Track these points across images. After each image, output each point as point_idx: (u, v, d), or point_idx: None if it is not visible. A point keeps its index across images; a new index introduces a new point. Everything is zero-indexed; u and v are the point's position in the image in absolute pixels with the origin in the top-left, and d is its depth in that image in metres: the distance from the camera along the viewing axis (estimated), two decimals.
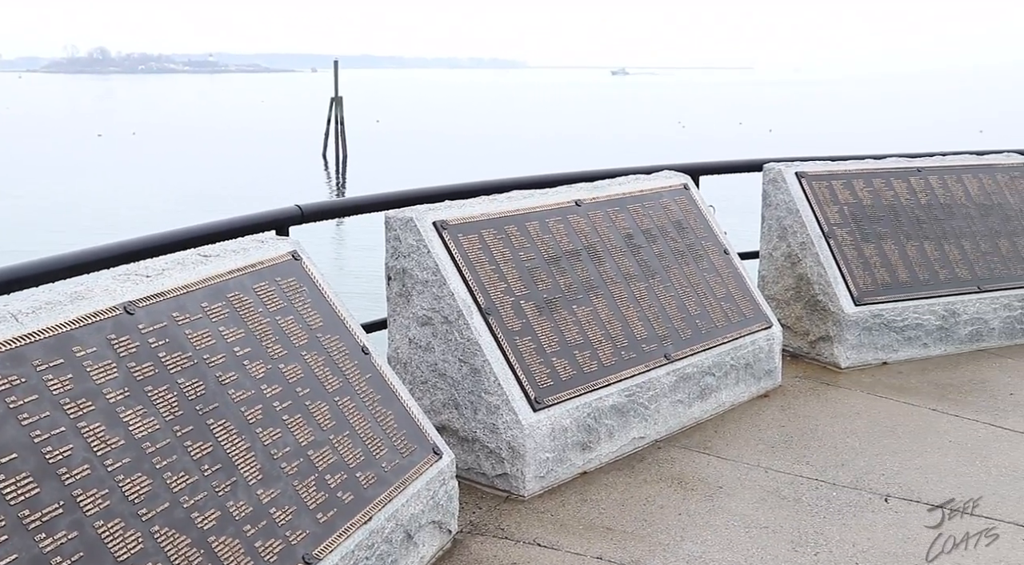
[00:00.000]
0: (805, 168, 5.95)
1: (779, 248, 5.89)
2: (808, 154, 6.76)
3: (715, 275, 5.18)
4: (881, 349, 5.70)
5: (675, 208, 5.26)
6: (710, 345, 4.89)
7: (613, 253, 4.75)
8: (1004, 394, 5.22)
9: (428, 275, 4.11)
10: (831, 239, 5.74)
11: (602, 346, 4.41)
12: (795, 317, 5.83)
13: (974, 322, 5.93)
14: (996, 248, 6.16)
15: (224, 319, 3.14)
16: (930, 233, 6.04)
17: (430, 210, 4.27)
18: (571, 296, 4.44)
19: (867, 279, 5.73)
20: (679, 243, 5.12)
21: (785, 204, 5.83)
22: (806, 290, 5.76)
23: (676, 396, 4.66)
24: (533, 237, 4.47)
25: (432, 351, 4.17)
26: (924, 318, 5.79)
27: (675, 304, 4.86)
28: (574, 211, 4.75)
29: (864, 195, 5.99)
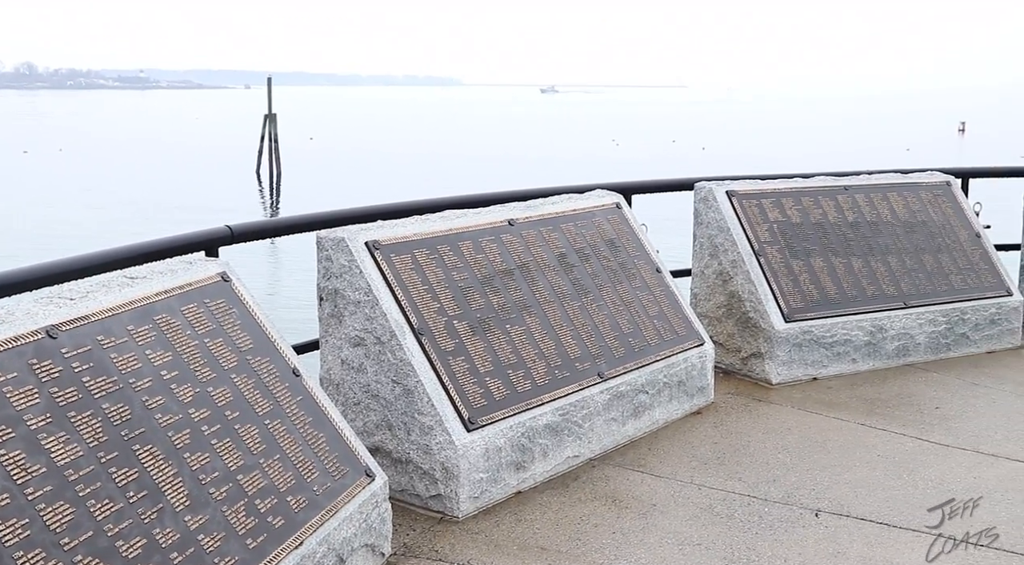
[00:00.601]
0: (735, 187, 6.03)
1: (711, 266, 5.95)
2: (740, 173, 6.85)
3: (648, 293, 5.21)
4: (811, 365, 5.78)
5: (608, 227, 5.29)
6: (643, 363, 4.91)
7: (546, 272, 4.77)
8: (930, 408, 5.31)
9: (360, 296, 4.08)
10: (761, 257, 5.82)
11: (536, 365, 4.41)
12: (727, 334, 5.89)
13: (901, 337, 6.04)
14: (921, 264, 6.29)
15: (151, 342, 3.08)
16: (857, 250, 6.14)
17: (362, 230, 4.24)
18: (504, 316, 4.44)
19: (797, 296, 5.82)
20: (612, 262, 5.15)
21: (716, 222, 5.89)
22: (737, 307, 5.83)
23: (610, 414, 4.67)
24: (466, 257, 4.46)
25: (365, 372, 4.14)
26: (852, 334, 5.88)
27: (608, 323, 4.88)
28: (507, 230, 4.75)
29: (793, 213, 6.08)
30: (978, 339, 6.32)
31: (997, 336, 6.39)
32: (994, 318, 6.36)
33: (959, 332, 6.24)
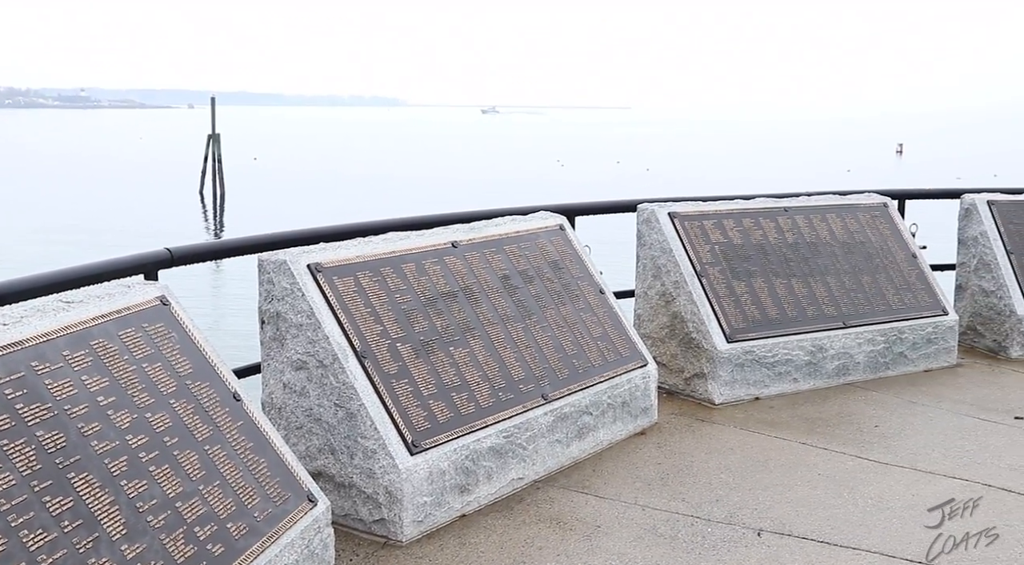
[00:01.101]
0: (678, 208, 6.09)
1: (654, 287, 6.00)
2: (683, 194, 6.91)
3: (591, 315, 5.23)
4: (753, 385, 5.84)
5: (551, 249, 5.31)
6: (587, 384, 4.93)
7: (490, 294, 4.77)
8: (870, 426, 5.38)
9: (302, 319, 4.05)
10: (703, 278, 5.87)
11: (479, 388, 4.41)
12: (670, 355, 5.93)
13: (841, 357, 6.12)
14: (860, 285, 6.39)
15: (87, 368, 3.03)
16: (797, 271, 6.23)
17: (304, 252, 4.22)
18: (448, 338, 4.43)
19: (738, 316, 5.87)
20: (555, 283, 5.16)
21: (659, 244, 5.94)
22: (680, 328, 5.87)
23: (554, 436, 4.68)
24: (409, 279, 4.45)
25: (307, 396, 4.10)
26: (793, 354, 5.95)
27: (552, 344, 4.89)
28: (451, 252, 4.75)
29: (734, 234, 6.15)
30: (915, 358, 6.43)
31: (934, 355, 6.50)
32: (931, 337, 6.47)
33: (897, 351, 6.34)
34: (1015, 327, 6.79)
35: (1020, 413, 5.60)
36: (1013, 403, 5.80)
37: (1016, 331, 6.78)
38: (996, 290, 6.92)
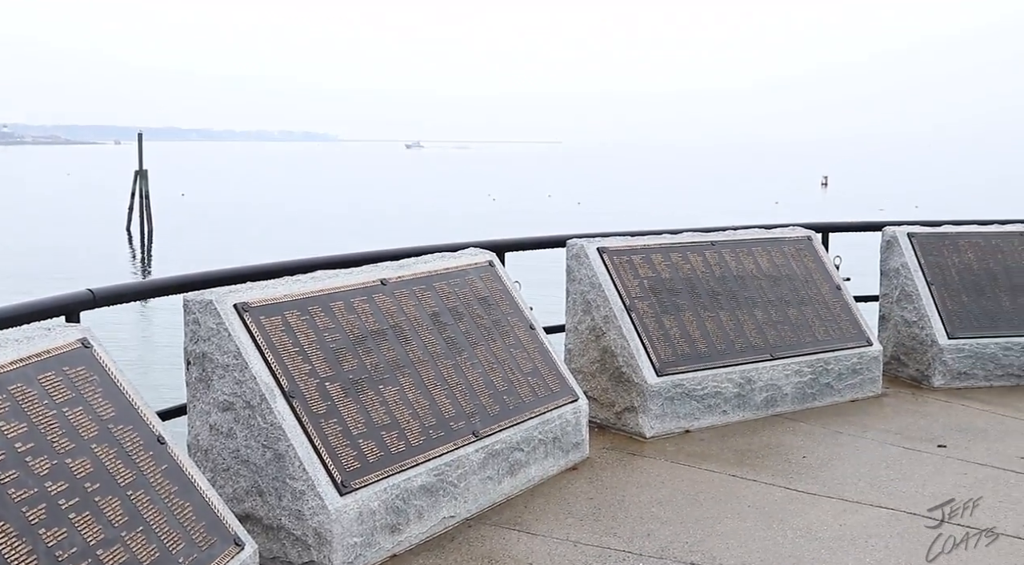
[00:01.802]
0: (606, 243, 6.14)
1: (584, 322, 6.03)
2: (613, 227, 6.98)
3: (521, 350, 5.24)
4: (683, 418, 5.88)
5: (481, 285, 5.31)
6: (518, 420, 4.93)
7: (420, 332, 4.75)
8: (798, 457, 5.45)
9: (229, 359, 4.00)
10: (633, 312, 5.92)
11: (410, 426, 4.38)
12: (601, 389, 5.96)
13: (769, 388, 6.20)
14: (786, 317, 6.48)
15: (4, 414, 2.96)
16: (725, 304, 6.30)
17: (231, 292, 4.17)
18: (377, 376, 4.40)
19: (668, 350, 5.92)
20: (485, 320, 5.17)
21: (588, 279, 5.98)
22: (611, 362, 5.90)
23: (485, 473, 4.66)
24: (338, 317, 4.42)
25: (234, 437, 4.04)
26: (722, 386, 6.01)
27: (482, 381, 4.89)
28: (380, 290, 4.73)
29: (663, 269, 6.21)
30: (842, 388, 6.53)
31: (859, 385, 6.61)
32: (856, 368, 6.58)
33: (823, 382, 6.44)
34: (937, 356, 6.93)
35: (943, 442, 5.71)
36: (936, 432, 5.91)
37: (938, 360, 6.93)
38: (918, 320, 7.07)
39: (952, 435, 5.83)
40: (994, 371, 6.98)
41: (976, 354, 6.95)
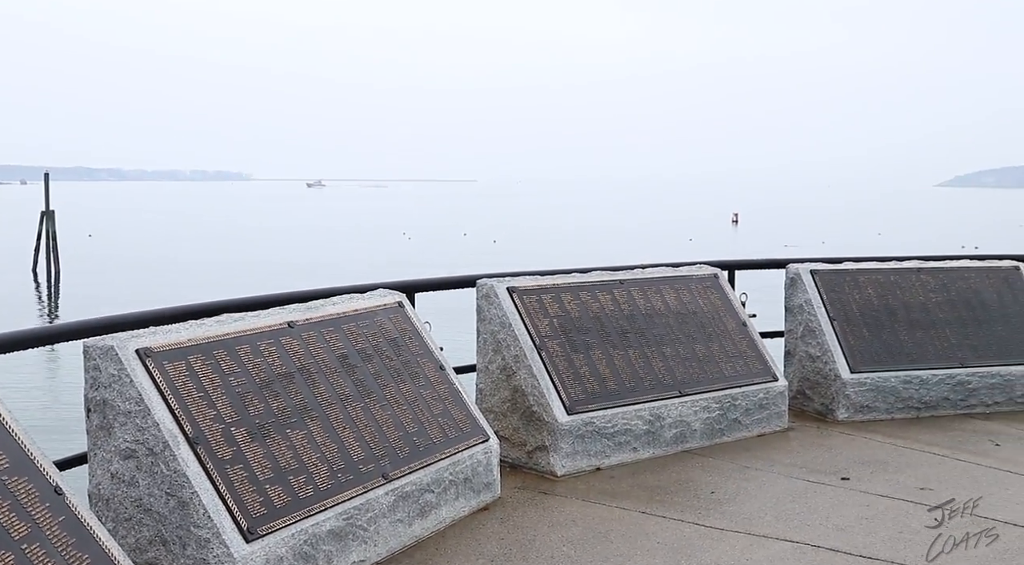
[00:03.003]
0: (516, 283, 6.18)
1: (495, 361, 6.05)
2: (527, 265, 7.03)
3: (431, 391, 5.23)
4: (594, 456, 5.92)
5: (390, 326, 5.30)
6: (428, 462, 4.91)
7: (328, 374, 4.72)
8: (706, 493, 5.52)
9: (131, 406, 3.93)
10: (543, 351, 5.96)
11: (318, 470, 4.34)
12: (512, 428, 5.97)
13: (678, 425, 6.28)
14: (694, 354, 6.58)
15: None
16: (634, 342, 6.38)
17: (133, 337, 4.10)
18: (285, 420, 4.36)
19: (578, 388, 5.97)
20: (395, 361, 5.15)
21: (498, 318, 6.01)
22: (521, 401, 5.92)
23: (396, 516, 4.63)
24: (244, 361, 4.37)
25: (136, 486, 3.96)
26: (632, 423, 6.07)
27: (392, 423, 4.87)
28: (287, 333, 4.69)
29: (572, 308, 6.27)
30: (749, 423, 6.64)
31: (766, 419, 6.73)
32: (762, 403, 6.70)
33: (731, 417, 6.54)
34: (840, 390, 7.10)
35: (846, 474, 5.83)
36: (840, 464, 6.04)
37: (841, 394, 7.09)
38: (821, 355, 7.24)
39: (855, 467, 5.96)
40: (895, 404, 7.17)
41: (877, 387, 7.13)
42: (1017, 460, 6.08)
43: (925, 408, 7.22)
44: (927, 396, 7.21)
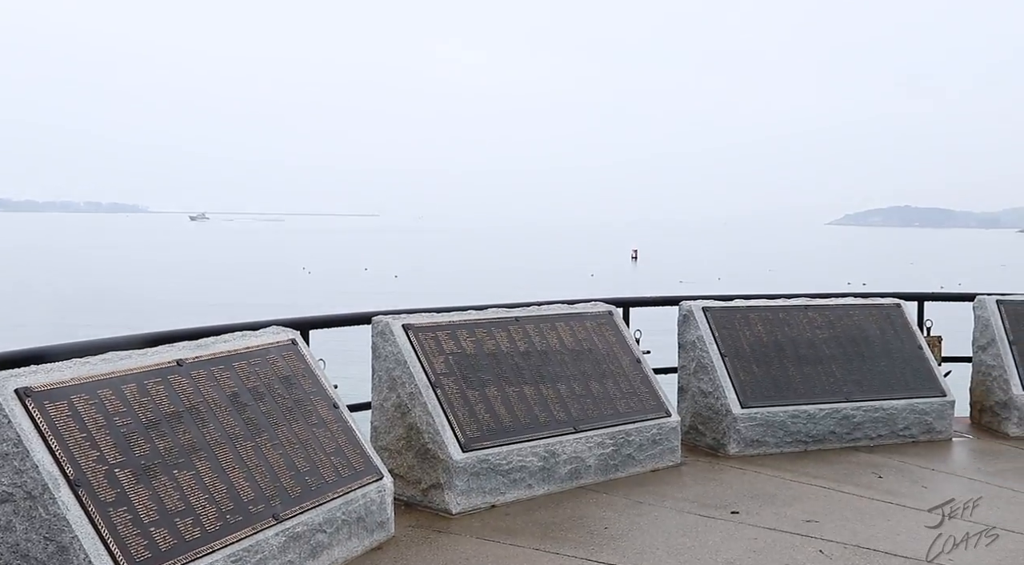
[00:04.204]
0: (412, 320, 6.17)
1: (389, 399, 6.02)
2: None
3: (324, 430, 5.19)
4: (489, 493, 5.92)
5: (283, 364, 5.25)
6: (321, 501, 4.85)
7: (218, 413, 4.65)
8: (600, 528, 5.56)
9: (8, 448, 3.80)
10: (438, 388, 5.95)
11: (206, 511, 4.26)
12: (407, 466, 5.94)
13: (573, 461, 6.32)
14: (588, 390, 6.65)
15: None
16: (529, 379, 6.42)
17: (12, 376, 3.98)
18: (172, 461, 4.27)
19: (473, 426, 5.97)
20: (287, 399, 5.10)
21: (394, 356, 5.99)
22: (416, 439, 5.90)
23: (286, 557, 4.56)
24: (130, 401, 4.28)
25: (13, 531, 3.83)
26: (527, 460, 6.09)
27: (283, 462, 4.80)
28: (176, 371, 4.61)
29: (468, 345, 6.29)
30: (643, 459, 6.72)
31: (659, 455, 6.82)
32: (656, 438, 6.80)
33: (625, 453, 6.62)
34: (731, 425, 7.23)
35: (736, 508, 5.94)
36: (730, 498, 6.14)
37: (732, 429, 7.23)
38: (713, 391, 7.38)
39: (744, 501, 6.08)
40: (784, 438, 7.34)
41: (767, 422, 7.29)
42: (898, 491, 6.27)
43: (813, 442, 7.40)
44: (814, 430, 7.40)
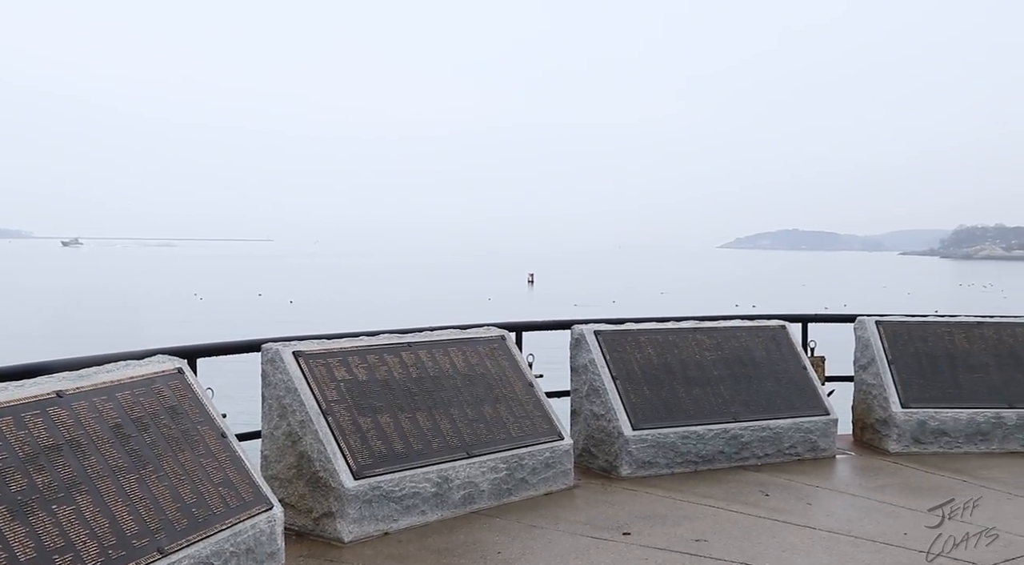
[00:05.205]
0: (302, 347, 6.11)
1: (280, 427, 5.95)
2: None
3: (212, 460, 5.09)
4: (382, 520, 5.88)
5: (169, 394, 5.14)
6: (208, 533, 4.76)
7: (100, 445, 4.53)
8: (493, 553, 5.56)
9: None
10: (329, 416, 5.90)
11: (87, 547, 4.14)
12: (298, 495, 5.87)
13: (466, 486, 6.32)
14: (481, 415, 6.66)
15: None
16: (422, 404, 6.41)
17: None
18: (51, 496, 4.14)
19: (365, 453, 5.93)
20: (173, 430, 4.99)
21: (284, 383, 5.92)
22: (307, 467, 5.84)
23: None
24: (6, 434, 4.14)
25: None
26: (420, 486, 6.07)
27: (169, 494, 4.70)
28: (55, 403, 4.48)
29: (359, 371, 6.25)
30: (536, 482, 6.75)
31: (552, 478, 6.86)
32: (549, 462, 6.84)
33: (519, 477, 6.64)
34: (623, 447, 7.32)
35: (628, 529, 6.00)
36: (622, 520, 6.21)
37: (624, 451, 7.32)
38: (605, 413, 7.46)
39: (636, 522, 6.15)
40: (674, 459, 7.45)
41: (658, 443, 7.40)
42: (783, 509, 6.43)
43: (702, 462, 7.54)
44: (704, 450, 7.54)
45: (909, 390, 8.35)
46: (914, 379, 8.41)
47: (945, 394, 8.36)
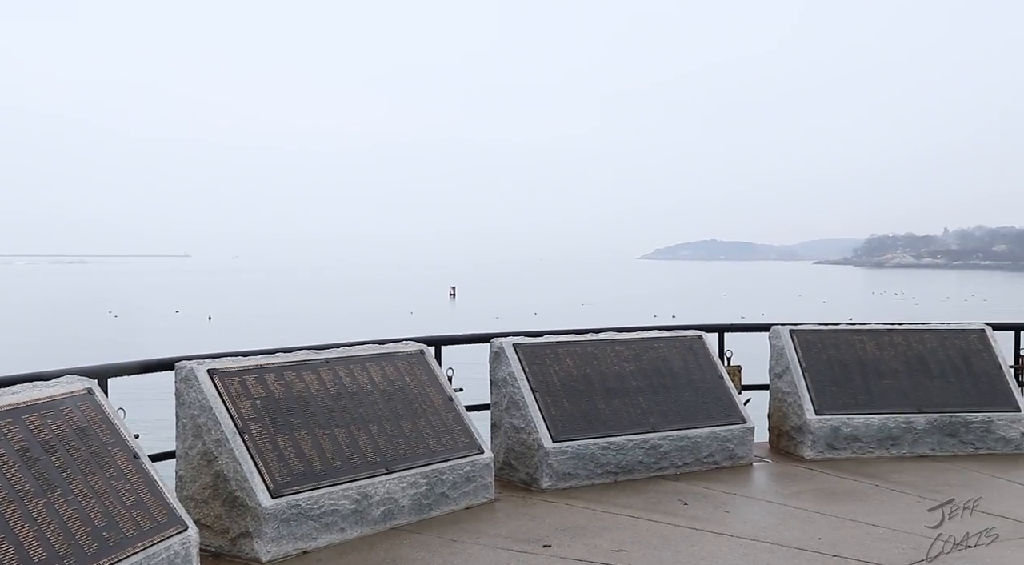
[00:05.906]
0: (217, 365, 6.02)
1: (195, 447, 5.85)
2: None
3: (124, 482, 4.98)
4: (300, 539, 5.81)
5: (78, 415, 5.02)
6: (120, 557, 4.65)
7: (5, 469, 4.40)
8: None
9: None
10: (246, 434, 5.82)
11: None
12: (215, 515, 5.78)
13: (386, 502, 6.28)
14: (401, 430, 6.63)
15: None
16: (340, 421, 6.35)
17: None
18: None
19: (283, 471, 5.86)
20: (83, 452, 4.88)
21: (198, 402, 5.83)
22: (224, 487, 5.75)
23: None
24: None
25: None
26: (339, 503, 6.01)
27: (79, 518, 4.59)
28: None
29: (276, 388, 6.18)
30: (457, 497, 6.74)
31: (473, 492, 6.85)
32: (469, 475, 6.83)
33: (439, 492, 6.62)
34: (543, 460, 7.34)
35: (548, 541, 6.02)
36: (543, 532, 6.22)
37: (544, 463, 7.34)
38: (525, 426, 7.47)
39: (557, 534, 6.17)
40: (594, 470, 7.49)
41: (578, 455, 7.43)
42: (702, 517, 6.50)
43: (622, 472, 7.59)
44: (623, 461, 7.59)
45: (822, 397, 8.51)
46: (827, 386, 8.59)
47: (857, 400, 8.54)
